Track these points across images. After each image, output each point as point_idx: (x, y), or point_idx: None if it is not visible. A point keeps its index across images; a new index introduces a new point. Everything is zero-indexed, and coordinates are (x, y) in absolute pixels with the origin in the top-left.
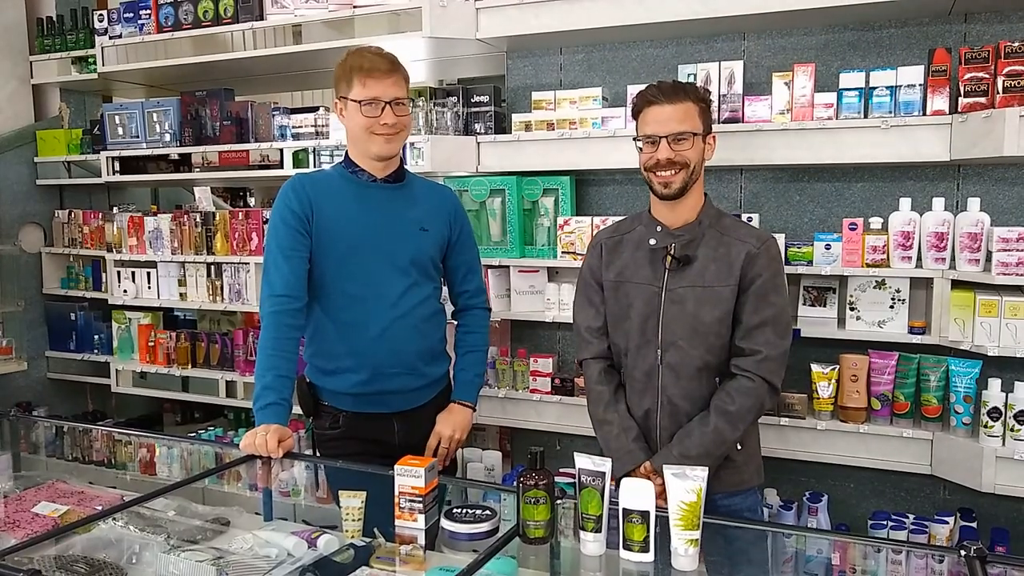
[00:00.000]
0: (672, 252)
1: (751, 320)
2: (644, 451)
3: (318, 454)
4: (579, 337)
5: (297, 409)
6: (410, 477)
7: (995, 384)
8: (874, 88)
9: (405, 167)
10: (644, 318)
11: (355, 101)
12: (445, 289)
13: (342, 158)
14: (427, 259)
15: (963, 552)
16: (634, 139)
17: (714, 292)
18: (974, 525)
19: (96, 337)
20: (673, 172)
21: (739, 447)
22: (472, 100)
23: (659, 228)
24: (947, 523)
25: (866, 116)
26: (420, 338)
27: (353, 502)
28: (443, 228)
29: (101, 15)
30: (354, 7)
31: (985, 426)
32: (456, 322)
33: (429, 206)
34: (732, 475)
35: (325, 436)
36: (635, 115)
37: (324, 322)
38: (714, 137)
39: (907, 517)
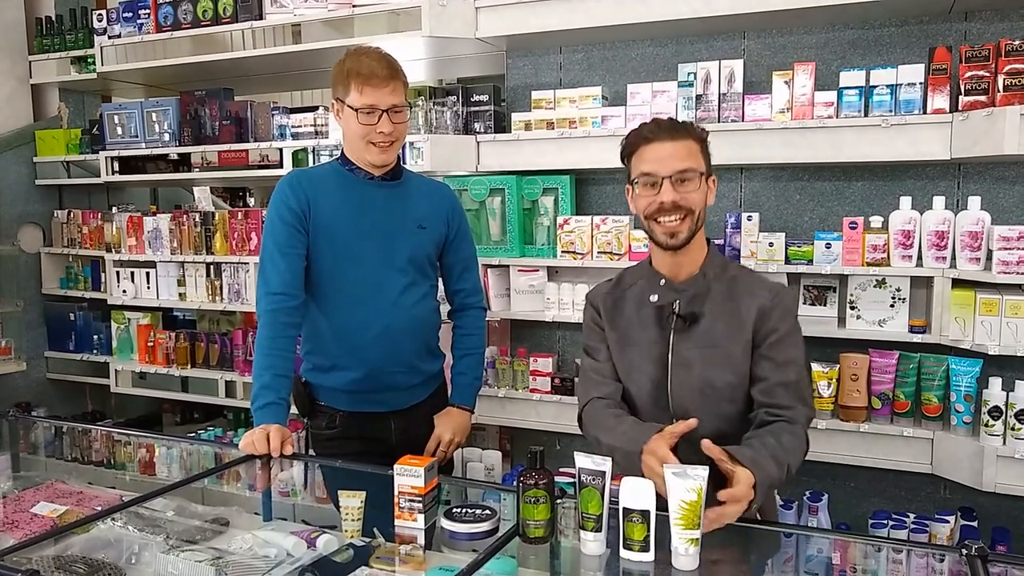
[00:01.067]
0: (677, 310)
1: (773, 376)
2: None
3: (314, 454)
4: (586, 378)
5: (295, 409)
6: (410, 477)
7: (996, 383)
8: (874, 87)
9: (402, 164)
10: (653, 385)
11: (352, 108)
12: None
13: (339, 155)
14: (424, 257)
15: (964, 551)
16: (629, 182)
17: (724, 352)
18: (975, 524)
19: (95, 337)
20: (679, 219)
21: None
22: (472, 99)
23: (662, 282)
24: (948, 522)
25: (866, 115)
26: (417, 336)
27: (352, 502)
28: (441, 226)
29: (100, 15)
30: (353, 6)
31: (986, 425)
32: (452, 322)
33: (427, 204)
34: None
35: (322, 436)
36: (627, 157)
37: (321, 320)
38: (714, 180)
39: (908, 516)
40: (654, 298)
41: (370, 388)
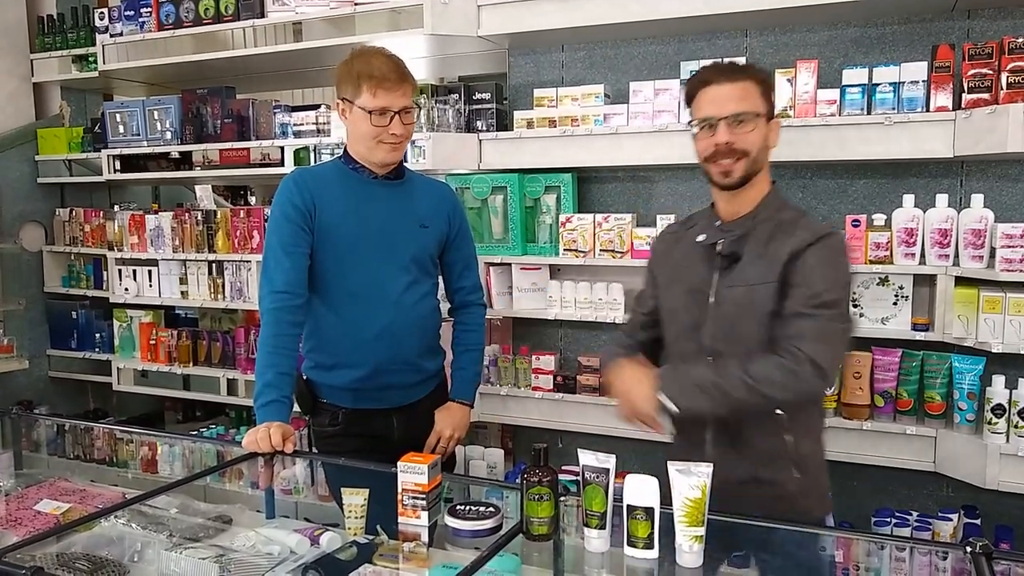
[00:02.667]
0: (720, 250)
1: (792, 308)
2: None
3: (315, 451)
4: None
5: (297, 407)
6: (413, 474)
7: (999, 381)
8: (877, 84)
9: (404, 164)
10: (691, 322)
11: (363, 110)
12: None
13: (340, 154)
14: (427, 256)
15: (968, 548)
16: (688, 123)
17: (753, 292)
18: (978, 522)
19: (97, 335)
20: (733, 160)
21: (797, 474)
22: (474, 97)
23: (717, 222)
24: (951, 520)
25: (869, 113)
26: (419, 335)
27: (356, 499)
28: (442, 225)
29: (102, 13)
30: (355, 4)
31: (989, 423)
32: (453, 319)
33: (428, 203)
34: (785, 508)
35: (324, 433)
36: (688, 101)
37: (324, 318)
38: (778, 121)
39: (911, 514)
40: (701, 238)
41: (373, 386)
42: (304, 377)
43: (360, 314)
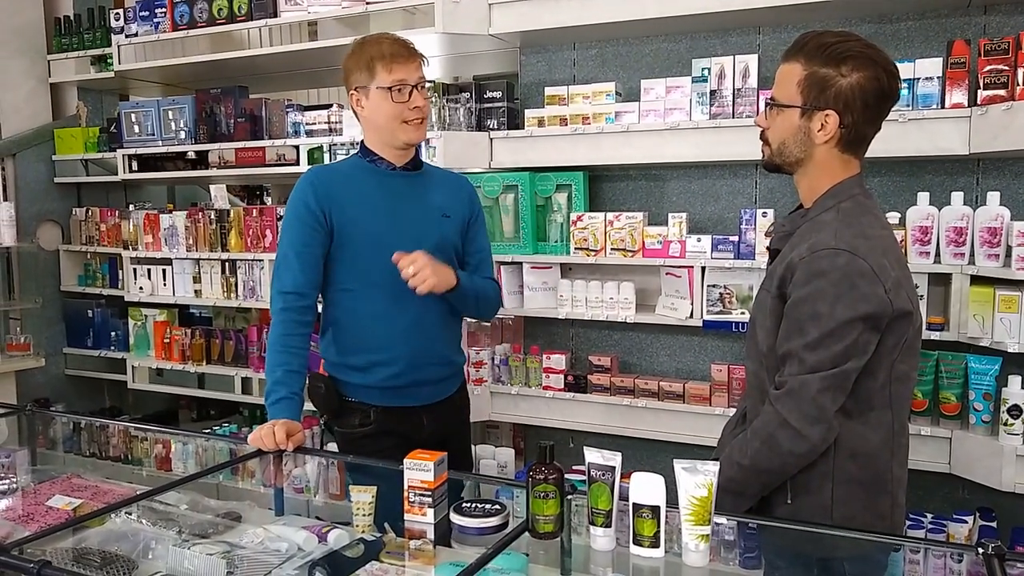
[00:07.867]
0: (768, 244)
1: (781, 345)
2: None
3: (325, 450)
4: None
5: (309, 405)
6: (419, 471)
7: (1015, 381)
8: None
9: (419, 156)
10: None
11: (382, 88)
12: None
13: (357, 150)
14: (451, 246)
15: (981, 550)
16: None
17: (761, 296)
18: (994, 524)
19: (113, 334)
20: (764, 144)
21: (788, 500)
22: (485, 96)
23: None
24: (966, 522)
25: None
26: (446, 326)
27: (364, 496)
28: (463, 211)
29: (117, 14)
30: (367, 3)
31: (1005, 424)
32: None
33: (448, 192)
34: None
35: (355, 435)
36: None
37: (350, 316)
38: (828, 115)
39: (925, 516)
40: (769, 228)
41: (406, 383)
42: (327, 376)
43: (389, 307)
